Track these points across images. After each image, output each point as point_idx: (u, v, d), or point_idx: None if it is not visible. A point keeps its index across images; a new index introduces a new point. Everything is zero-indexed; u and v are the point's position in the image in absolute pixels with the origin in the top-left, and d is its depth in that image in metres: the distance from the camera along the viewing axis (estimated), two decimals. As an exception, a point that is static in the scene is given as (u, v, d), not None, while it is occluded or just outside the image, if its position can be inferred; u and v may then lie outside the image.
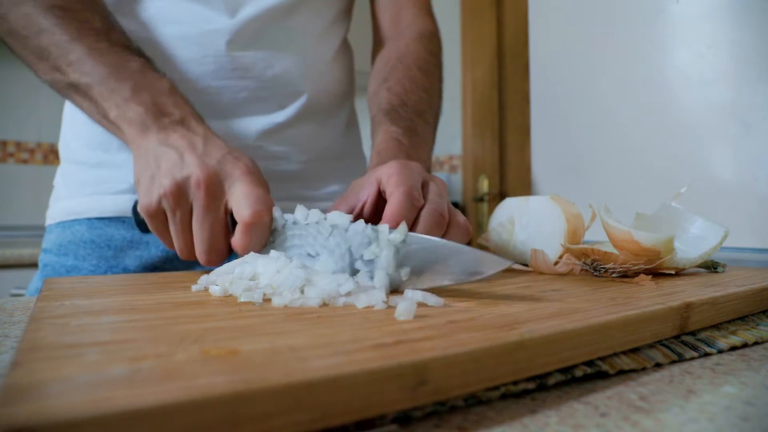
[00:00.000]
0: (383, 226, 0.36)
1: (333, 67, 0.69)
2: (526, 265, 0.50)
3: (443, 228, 0.41)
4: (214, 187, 0.41)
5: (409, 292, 0.31)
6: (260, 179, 0.43)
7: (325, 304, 0.30)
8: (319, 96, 0.66)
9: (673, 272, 0.45)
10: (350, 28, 0.75)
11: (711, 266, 0.48)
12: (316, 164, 0.68)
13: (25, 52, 0.51)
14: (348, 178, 0.72)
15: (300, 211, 0.39)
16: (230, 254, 0.43)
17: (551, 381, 0.24)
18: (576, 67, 0.89)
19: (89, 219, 0.60)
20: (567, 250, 0.46)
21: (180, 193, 0.42)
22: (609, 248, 0.44)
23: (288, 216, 0.40)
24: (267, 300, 0.31)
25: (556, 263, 0.47)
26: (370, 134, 0.61)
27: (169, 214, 0.43)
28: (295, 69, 0.63)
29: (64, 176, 0.64)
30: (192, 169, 0.41)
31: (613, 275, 0.42)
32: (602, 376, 0.26)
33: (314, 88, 0.65)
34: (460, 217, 0.43)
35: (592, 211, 0.50)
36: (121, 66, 0.48)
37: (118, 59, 0.48)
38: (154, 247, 0.60)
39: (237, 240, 0.41)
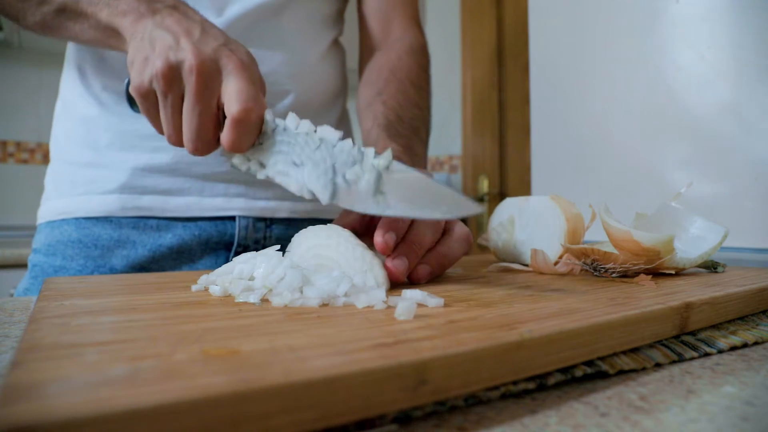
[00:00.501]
0: (369, 150, 0.36)
1: (322, 68, 0.69)
2: (526, 265, 0.50)
3: (438, 232, 0.41)
4: (208, 76, 0.40)
5: (408, 292, 0.31)
6: (256, 76, 0.42)
7: (325, 304, 0.30)
8: (308, 96, 0.66)
9: (673, 272, 0.45)
10: (344, 29, 0.75)
11: (711, 266, 0.48)
12: None
13: (8, 0, 0.51)
14: None
15: (291, 118, 0.39)
16: (217, 147, 0.43)
17: (551, 381, 0.24)
18: (576, 67, 0.89)
19: (77, 219, 0.60)
20: (567, 250, 0.46)
21: (172, 75, 0.41)
22: (609, 248, 0.44)
23: (279, 121, 0.40)
24: (267, 300, 0.31)
25: (556, 263, 0.47)
26: (363, 145, 0.61)
27: (160, 97, 0.42)
28: (282, 68, 0.63)
29: (54, 175, 0.64)
30: (186, 54, 0.40)
31: (613, 275, 0.42)
32: (602, 376, 0.26)
33: (302, 88, 0.65)
34: (460, 228, 0.43)
35: (592, 211, 0.50)
36: None
37: None
38: (141, 246, 0.60)
39: (224, 135, 0.40)
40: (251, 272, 0.35)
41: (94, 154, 0.61)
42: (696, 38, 0.70)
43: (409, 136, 0.59)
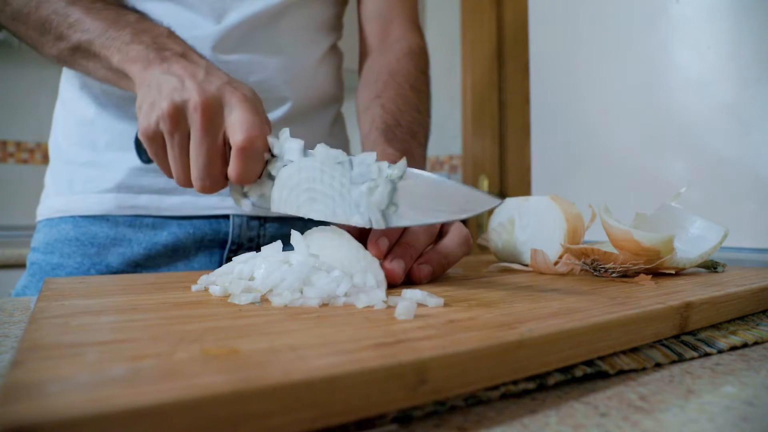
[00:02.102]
0: (383, 163, 0.36)
1: (319, 73, 0.69)
2: (526, 265, 0.50)
3: (433, 234, 0.42)
4: (212, 112, 0.41)
5: (408, 292, 0.31)
6: (258, 107, 0.43)
7: (325, 304, 0.30)
8: (304, 102, 0.67)
9: (673, 272, 0.45)
10: (343, 33, 0.75)
11: (711, 266, 0.48)
12: None
13: (29, 32, 0.53)
14: None
15: (294, 145, 0.39)
16: (226, 184, 0.44)
17: (551, 381, 0.24)
18: (576, 67, 0.89)
19: (74, 217, 0.61)
20: (567, 250, 0.46)
21: (178, 115, 0.42)
22: (609, 248, 0.44)
23: (283, 145, 0.40)
24: (267, 300, 0.31)
25: (556, 263, 0.47)
26: (362, 149, 0.61)
27: (167, 138, 0.43)
28: (279, 75, 0.63)
29: (53, 174, 0.65)
30: (191, 94, 0.42)
31: (613, 275, 0.42)
32: (602, 376, 0.26)
33: (299, 94, 0.66)
34: (459, 229, 0.43)
35: (592, 211, 0.50)
36: (119, 18, 0.50)
37: (114, 14, 0.50)
38: (136, 244, 0.61)
39: (231, 167, 0.41)
40: (251, 272, 0.35)
41: (93, 154, 0.61)
42: (696, 38, 0.70)
43: (406, 140, 0.59)
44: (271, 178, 0.41)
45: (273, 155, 0.41)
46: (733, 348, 0.31)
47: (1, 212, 1.80)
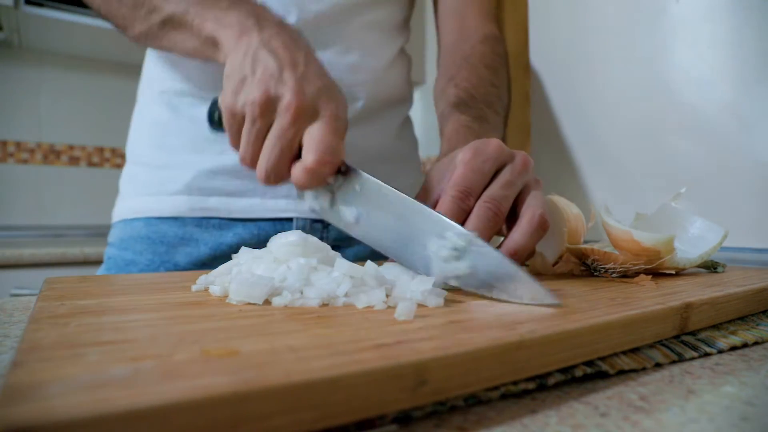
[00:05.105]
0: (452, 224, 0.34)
1: (389, 76, 0.69)
2: (526, 265, 0.50)
3: (495, 225, 0.38)
4: (301, 117, 0.41)
5: (408, 292, 0.31)
6: (341, 128, 0.42)
7: (325, 304, 0.30)
8: (374, 103, 0.67)
9: (673, 272, 0.45)
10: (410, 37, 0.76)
11: (711, 266, 0.48)
12: (363, 166, 0.67)
13: (121, 9, 0.53)
14: (397, 181, 0.70)
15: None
16: (287, 181, 0.43)
17: (551, 381, 0.24)
18: (576, 67, 0.89)
19: (147, 218, 0.63)
20: (567, 250, 0.46)
21: (268, 106, 0.41)
22: (609, 248, 0.44)
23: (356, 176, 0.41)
24: (267, 300, 0.31)
25: (555, 263, 0.47)
26: (439, 131, 0.60)
27: (248, 121, 0.42)
28: (349, 75, 0.64)
29: (128, 176, 0.68)
30: (286, 92, 0.41)
31: (613, 275, 0.42)
32: (602, 376, 0.26)
33: (369, 95, 0.66)
34: (533, 210, 0.39)
35: (592, 211, 0.50)
36: None
37: None
38: (203, 245, 0.62)
39: (295, 173, 0.41)
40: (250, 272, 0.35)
41: (166, 156, 0.63)
42: (696, 38, 0.70)
43: (481, 109, 0.58)
44: (331, 191, 0.41)
45: (338, 175, 0.41)
46: (733, 348, 0.31)
47: (1, 212, 1.80)
